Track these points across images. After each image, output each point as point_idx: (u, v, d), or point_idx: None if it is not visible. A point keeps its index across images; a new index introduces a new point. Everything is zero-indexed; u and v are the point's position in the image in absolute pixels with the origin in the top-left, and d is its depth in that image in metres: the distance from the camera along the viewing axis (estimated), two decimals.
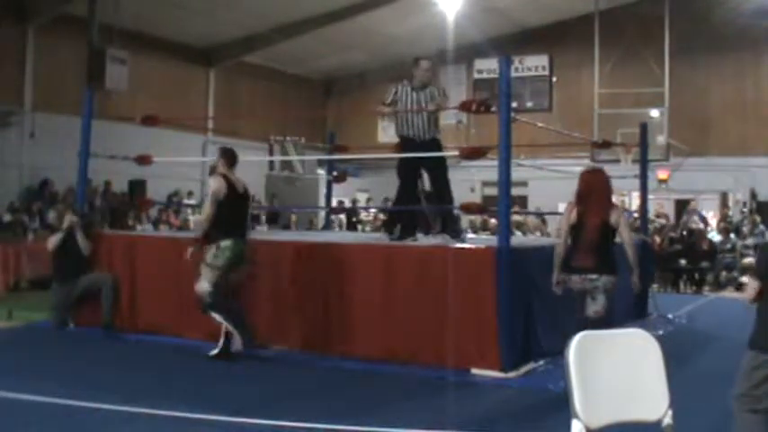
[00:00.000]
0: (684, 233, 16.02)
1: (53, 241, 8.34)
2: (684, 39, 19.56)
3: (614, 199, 6.33)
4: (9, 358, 6.95)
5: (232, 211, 6.68)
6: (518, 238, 12.37)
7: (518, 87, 17.68)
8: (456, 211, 8.37)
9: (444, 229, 7.70)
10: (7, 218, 14.05)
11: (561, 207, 20.94)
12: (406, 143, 7.65)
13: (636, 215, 12.22)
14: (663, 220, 16.57)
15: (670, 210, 19.54)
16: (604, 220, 5.81)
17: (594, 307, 5.74)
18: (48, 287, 8.83)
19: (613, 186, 6.18)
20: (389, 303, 6.86)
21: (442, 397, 5.70)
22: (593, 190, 5.91)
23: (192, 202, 18.62)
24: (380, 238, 8.50)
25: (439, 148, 7.63)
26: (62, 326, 8.20)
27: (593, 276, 5.71)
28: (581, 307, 5.78)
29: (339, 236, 11.90)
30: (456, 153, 8.03)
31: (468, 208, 8.22)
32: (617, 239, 5.98)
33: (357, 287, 7.01)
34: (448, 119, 22.42)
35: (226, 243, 6.60)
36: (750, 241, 16.00)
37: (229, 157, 7.07)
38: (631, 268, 5.99)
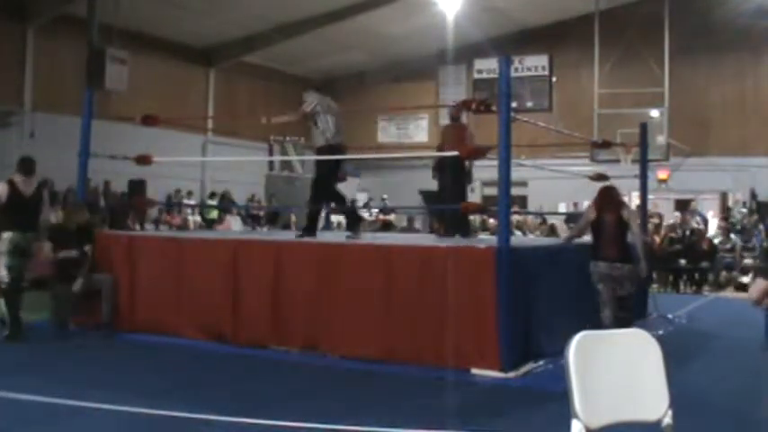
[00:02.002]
0: (686, 233, 16.00)
1: (69, 255, 8.30)
2: (684, 39, 19.57)
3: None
4: (9, 358, 6.94)
5: (16, 210, 7.86)
6: (518, 238, 12.37)
7: (518, 87, 17.72)
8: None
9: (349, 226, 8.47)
10: None
11: (561, 207, 20.96)
12: None
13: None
14: (656, 220, 16.55)
15: (670, 210, 19.55)
16: (619, 215, 7.02)
17: (622, 291, 6.95)
18: (48, 287, 8.82)
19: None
20: (389, 303, 6.86)
21: (441, 397, 5.70)
22: (609, 196, 7.19)
23: (192, 201, 18.63)
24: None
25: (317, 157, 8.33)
26: (62, 326, 8.19)
27: (619, 265, 6.89)
28: (607, 288, 6.90)
29: (339, 236, 11.89)
30: (456, 153, 8.03)
31: (467, 208, 8.22)
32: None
33: (357, 287, 7.01)
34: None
35: (7, 235, 7.79)
36: (751, 242, 16.00)
37: (20, 165, 8.15)
38: (639, 257, 7.03)
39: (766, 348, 3.83)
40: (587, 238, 7.44)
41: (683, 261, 15.15)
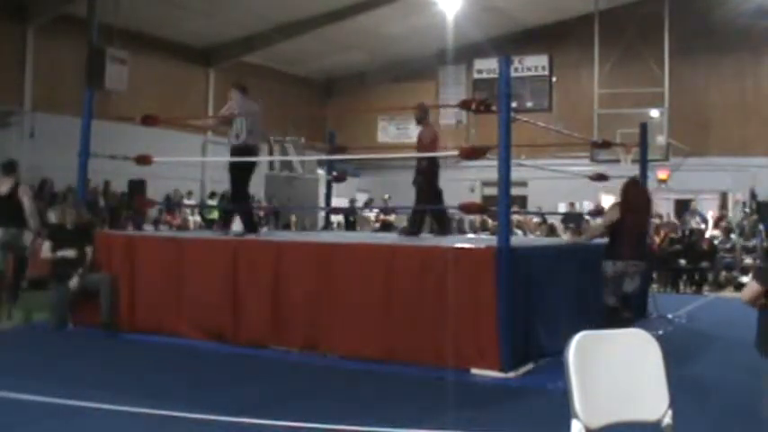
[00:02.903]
0: (686, 233, 16.01)
1: (67, 254, 8.29)
2: (684, 39, 19.57)
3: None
4: (9, 358, 6.94)
5: None
6: (518, 238, 12.37)
7: (518, 87, 17.70)
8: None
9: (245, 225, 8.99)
10: None
11: (561, 207, 20.99)
12: None
13: None
14: (657, 220, 16.56)
15: (670, 210, 19.56)
16: (644, 217, 7.74)
17: (633, 285, 7.51)
18: (47, 287, 8.83)
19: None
20: (389, 303, 6.86)
21: (441, 397, 5.70)
22: (640, 200, 7.67)
23: (192, 201, 18.63)
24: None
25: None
26: (61, 326, 8.20)
27: (634, 263, 7.41)
28: (618, 285, 7.40)
29: (339, 236, 11.89)
30: (456, 153, 8.03)
31: (467, 208, 8.22)
32: None
33: (357, 287, 7.00)
34: (447, 119, 22.54)
35: None
36: (751, 242, 15.99)
37: (4, 167, 9.04)
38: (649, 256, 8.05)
39: (760, 353, 3.82)
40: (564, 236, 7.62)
41: (683, 261, 15.15)
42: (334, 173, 12.15)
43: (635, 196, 7.66)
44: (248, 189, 8.98)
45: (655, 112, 19.06)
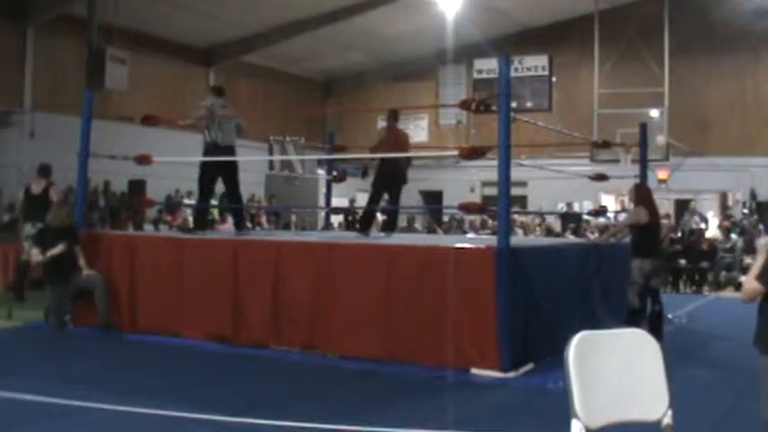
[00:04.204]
0: (686, 233, 16.03)
1: (55, 252, 8.27)
2: (684, 39, 19.56)
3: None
4: (9, 358, 6.95)
5: (30, 207, 10.01)
6: (518, 238, 12.37)
7: (518, 87, 17.72)
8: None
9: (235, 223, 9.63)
10: (7, 218, 14.04)
11: (561, 207, 20.97)
12: None
13: None
14: (665, 221, 16.56)
15: (670, 210, 19.55)
16: (659, 222, 8.29)
17: (658, 280, 8.17)
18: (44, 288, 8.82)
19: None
20: (389, 303, 6.86)
21: (441, 397, 5.70)
22: (650, 199, 8.14)
23: (192, 201, 18.60)
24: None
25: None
26: (60, 326, 8.19)
27: (657, 261, 8.04)
28: (647, 281, 7.85)
29: (339, 236, 11.88)
30: (456, 153, 8.04)
31: (467, 208, 8.23)
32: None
33: (357, 287, 7.01)
34: (447, 119, 22.55)
35: (24, 225, 10.07)
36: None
37: (39, 170, 10.43)
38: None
39: (759, 351, 3.79)
40: (591, 236, 7.68)
41: (683, 261, 15.15)
42: (334, 173, 12.15)
43: (650, 198, 8.17)
44: (239, 188, 9.45)
45: (655, 112, 19.05)
